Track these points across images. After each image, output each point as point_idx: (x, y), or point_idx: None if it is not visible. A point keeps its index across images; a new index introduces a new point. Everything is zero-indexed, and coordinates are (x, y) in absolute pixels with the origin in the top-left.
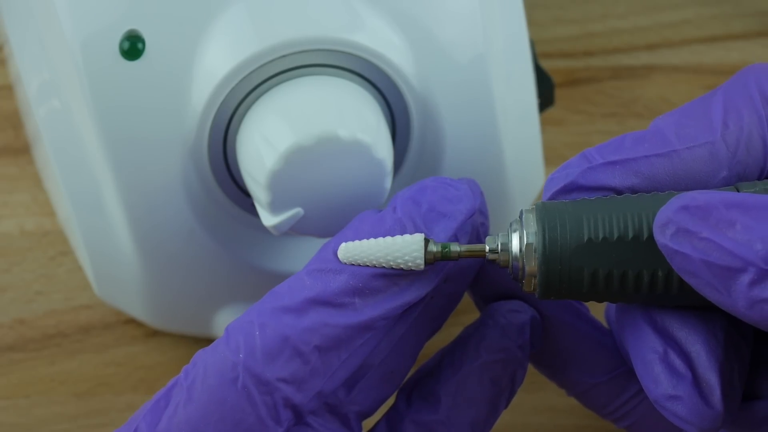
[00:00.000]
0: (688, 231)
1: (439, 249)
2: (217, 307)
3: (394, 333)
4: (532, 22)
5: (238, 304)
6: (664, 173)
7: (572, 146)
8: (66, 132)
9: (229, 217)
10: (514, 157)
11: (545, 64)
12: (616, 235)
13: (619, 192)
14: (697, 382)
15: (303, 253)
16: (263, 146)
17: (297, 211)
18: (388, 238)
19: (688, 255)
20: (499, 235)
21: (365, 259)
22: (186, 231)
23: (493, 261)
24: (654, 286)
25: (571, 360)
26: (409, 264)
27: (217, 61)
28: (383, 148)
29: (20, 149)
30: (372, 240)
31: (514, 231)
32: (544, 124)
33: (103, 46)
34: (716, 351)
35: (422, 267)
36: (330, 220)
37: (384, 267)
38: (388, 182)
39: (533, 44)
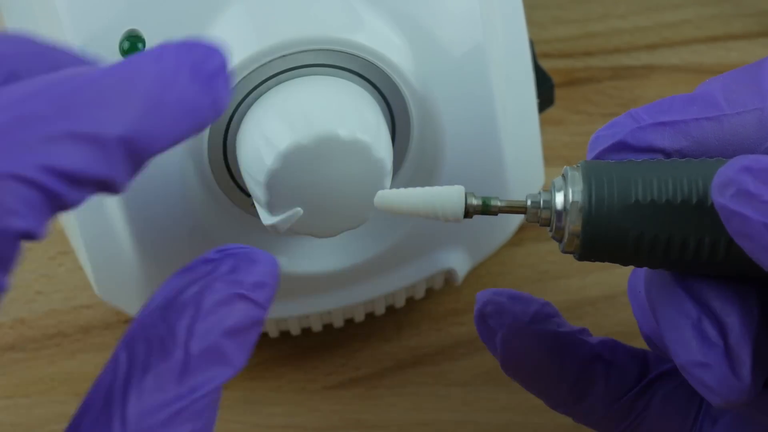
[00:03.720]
0: (750, 193)
1: (480, 202)
2: None
3: None
4: (531, 22)
5: None
6: (713, 137)
7: (572, 146)
8: None
9: (229, 217)
10: (514, 157)
11: (545, 64)
12: (664, 199)
13: (667, 154)
14: (728, 352)
15: (303, 253)
16: (263, 145)
17: (296, 210)
18: (428, 188)
19: (749, 217)
20: (541, 192)
21: (403, 207)
22: (186, 231)
23: (533, 218)
24: (699, 253)
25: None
26: (448, 215)
27: None
28: (383, 148)
29: None
30: (411, 189)
31: (558, 189)
32: (544, 124)
33: (103, 46)
34: (751, 325)
35: (461, 219)
36: (329, 220)
37: (421, 215)
38: (387, 182)
39: (533, 44)
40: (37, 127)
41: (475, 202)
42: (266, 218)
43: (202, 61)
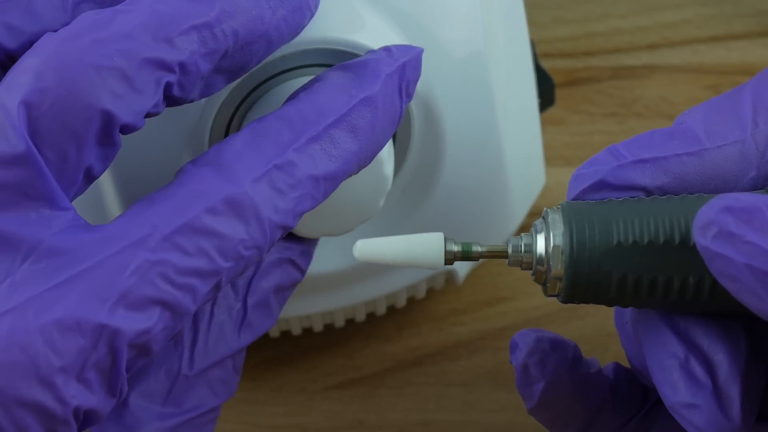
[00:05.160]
0: (731, 233)
1: (460, 249)
2: None
3: None
4: (532, 22)
5: None
6: (694, 172)
7: (572, 146)
8: None
9: None
10: (514, 156)
11: (545, 64)
12: (646, 240)
13: (648, 191)
14: (717, 392)
15: None
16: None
17: None
18: (408, 236)
19: (731, 258)
20: (522, 235)
21: (383, 257)
22: None
23: (515, 263)
24: (684, 292)
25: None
26: (428, 264)
27: None
28: (384, 152)
29: None
30: (390, 238)
31: (539, 232)
32: (545, 123)
33: None
34: (739, 362)
35: (442, 266)
36: (324, 220)
37: (402, 265)
38: (388, 184)
39: (533, 44)
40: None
41: (455, 248)
42: None
43: None
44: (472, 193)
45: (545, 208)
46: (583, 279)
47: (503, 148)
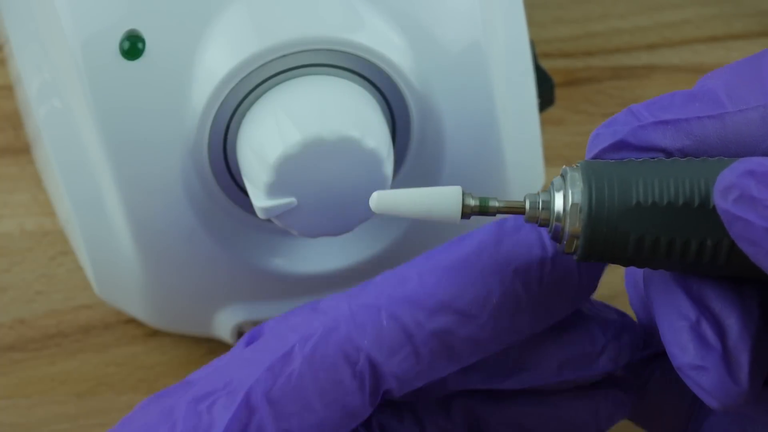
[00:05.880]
0: (753, 197)
1: (477, 203)
2: (217, 307)
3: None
4: (532, 22)
5: (238, 304)
6: (715, 136)
7: (572, 146)
8: (66, 132)
9: (229, 217)
10: (514, 157)
11: (545, 64)
12: (665, 201)
13: (668, 153)
14: (726, 355)
15: (303, 253)
16: (286, 125)
17: (291, 200)
18: (425, 189)
19: (751, 222)
20: (540, 192)
21: (399, 208)
22: (186, 231)
23: (531, 219)
24: (701, 255)
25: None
26: (445, 216)
27: (217, 60)
28: (384, 151)
29: (21, 149)
30: (408, 189)
31: (558, 189)
32: (544, 123)
33: (103, 46)
34: (750, 328)
35: (458, 220)
36: (318, 220)
37: (418, 217)
38: (387, 184)
39: (533, 44)
40: None
41: (472, 202)
42: (259, 200)
43: None
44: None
45: (564, 166)
46: (601, 238)
47: (503, 148)
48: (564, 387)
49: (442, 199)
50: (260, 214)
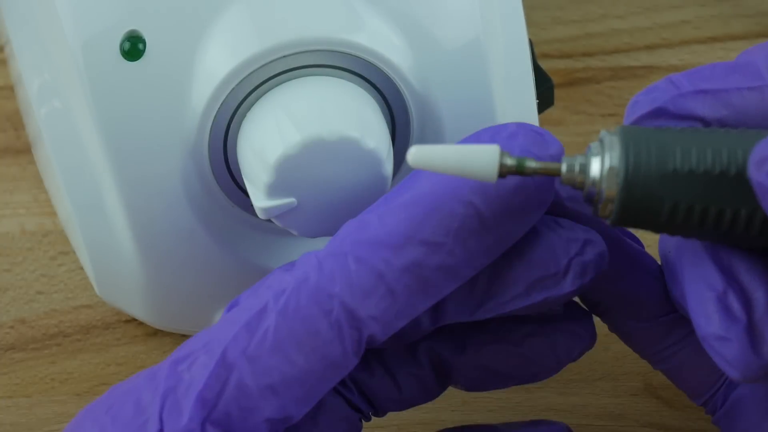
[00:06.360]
0: None
1: (514, 163)
2: (218, 307)
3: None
4: (531, 23)
5: None
6: (754, 108)
7: (572, 146)
8: (67, 132)
9: (229, 217)
10: None
11: (544, 65)
12: (702, 169)
13: (706, 123)
14: (751, 328)
15: (302, 253)
16: (286, 125)
17: (291, 200)
18: (462, 146)
19: None
20: (577, 155)
21: (436, 164)
22: (186, 231)
23: (568, 181)
24: (734, 225)
25: (620, 302)
26: (481, 174)
27: (217, 61)
28: (384, 151)
29: (21, 149)
30: (446, 146)
31: (595, 153)
32: (544, 124)
33: (103, 46)
34: None
35: (494, 179)
36: (318, 221)
37: (454, 173)
38: (387, 184)
39: (532, 45)
40: None
41: (509, 162)
42: (259, 200)
43: None
44: None
45: (602, 131)
46: (635, 203)
47: None
48: (535, 311)
49: (479, 157)
50: (260, 214)
